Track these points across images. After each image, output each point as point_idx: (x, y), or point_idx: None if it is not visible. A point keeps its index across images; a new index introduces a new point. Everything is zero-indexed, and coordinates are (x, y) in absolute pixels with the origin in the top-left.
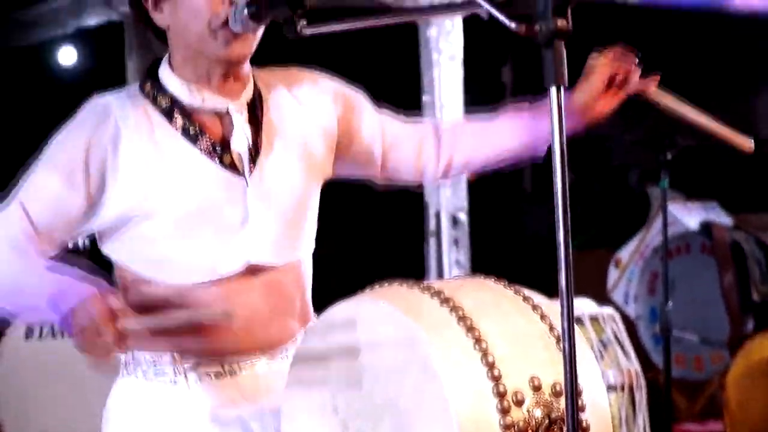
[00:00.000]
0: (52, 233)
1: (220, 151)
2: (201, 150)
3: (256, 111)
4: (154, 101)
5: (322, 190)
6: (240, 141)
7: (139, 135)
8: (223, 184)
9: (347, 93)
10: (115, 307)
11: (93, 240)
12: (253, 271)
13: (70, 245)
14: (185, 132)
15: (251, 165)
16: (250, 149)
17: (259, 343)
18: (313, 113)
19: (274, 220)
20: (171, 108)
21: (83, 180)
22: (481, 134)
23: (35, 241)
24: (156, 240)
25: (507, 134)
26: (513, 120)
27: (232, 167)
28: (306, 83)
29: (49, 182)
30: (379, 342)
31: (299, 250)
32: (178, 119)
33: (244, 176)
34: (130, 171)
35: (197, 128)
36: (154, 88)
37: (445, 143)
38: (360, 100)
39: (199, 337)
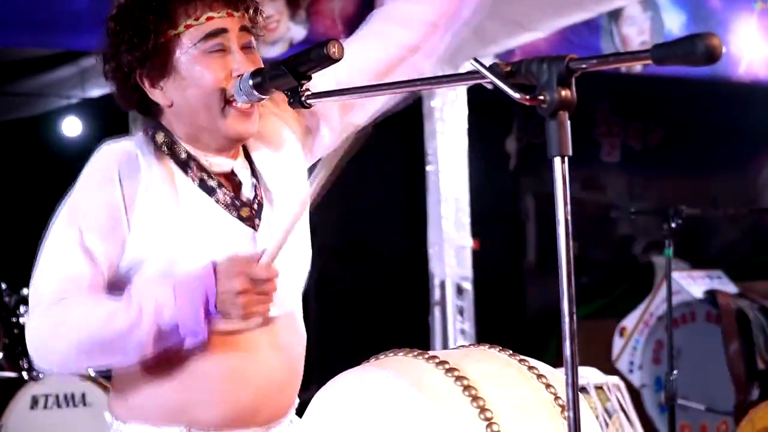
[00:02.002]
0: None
1: (239, 204)
2: (218, 202)
3: (252, 168)
4: (170, 151)
5: (328, 263)
6: (250, 196)
7: (161, 181)
8: (239, 237)
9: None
10: (248, 262)
11: None
12: (263, 324)
13: None
14: (203, 184)
15: (257, 218)
16: (255, 203)
17: (265, 416)
18: (287, 154)
19: (282, 270)
20: (187, 160)
21: (124, 226)
22: None
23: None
24: None
25: None
26: None
27: (249, 220)
28: (267, 129)
29: (106, 250)
30: (384, 412)
31: (295, 299)
32: (195, 171)
33: (255, 230)
34: (152, 215)
35: (215, 181)
36: (167, 139)
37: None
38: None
39: (213, 405)
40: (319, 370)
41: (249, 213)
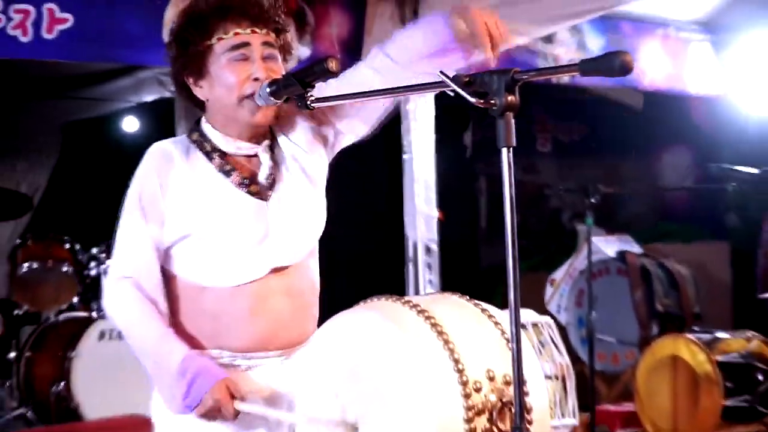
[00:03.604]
0: (157, 266)
1: (248, 183)
2: (232, 182)
3: (274, 152)
4: (199, 146)
5: (328, 229)
6: (264, 175)
7: (188, 170)
8: (249, 208)
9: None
10: (235, 393)
11: None
12: (276, 274)
13: None
14: (221, 169)
15: (269, 192)
16: (269, 181)
17: (280, 344)
18: (306, 146)
19: (289, 231)
20: (211, 151)
21: (162, 210)
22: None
23: (161, 285)
24: (201, 251)
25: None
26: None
27: (257, 195)
28: (297, 127)
29: (150, 228)
30: (370, 343)
31: (309, 250)
32: (216, 159)
33: (266, 201)
34: (180, 198)
35: (230, 166)
36: (199, 137)
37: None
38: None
39: (237, 336)
40: (321, 310)
41: (258, 189)
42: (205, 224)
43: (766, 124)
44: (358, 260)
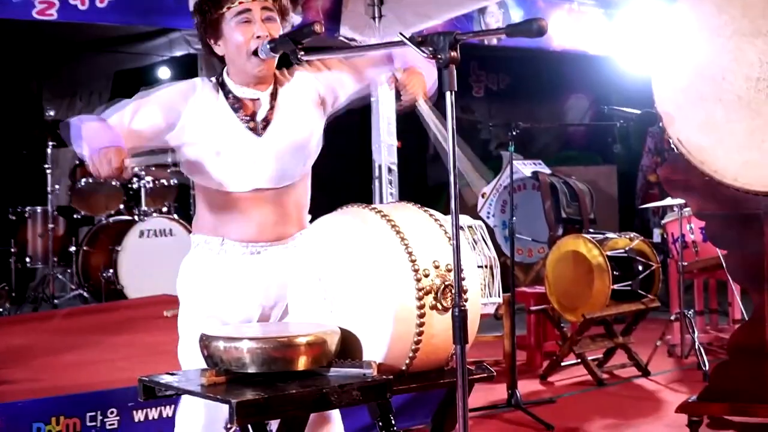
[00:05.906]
0: (138, 135)
1: (248, 119)
2: (238, 117)
3: (274, 98)
4: (221, 87)
5: (319, 164)
6: (261, 116)
7: (207, 101)
8: (244, 138)
9: (318, 77)
10: (118, 152)
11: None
12: (263, 191)
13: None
14: (232, 106)
15: (263, 131)
16: (264, 122)
17: (269, 237)
18: (306, 93)
19: (274, 161)
20: (227, 93)
21: (172, 115)
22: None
23: (123, 132)
24: (203, 161)
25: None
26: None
27: (253, 130)
28: (299, 78)
29: (154, 107)
30: (345, 239)
31: (295, 178)
32: (230, 98)
33: (260, 137)
34: (196, 119)
35: (239, 105)
36: (219, 80)
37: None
38: (324, 74)
39: (232, 229)
40: (311, 213)
41: (254, 125)
42: (210, 140)
43: (644, 76)
44: (338, 177)
